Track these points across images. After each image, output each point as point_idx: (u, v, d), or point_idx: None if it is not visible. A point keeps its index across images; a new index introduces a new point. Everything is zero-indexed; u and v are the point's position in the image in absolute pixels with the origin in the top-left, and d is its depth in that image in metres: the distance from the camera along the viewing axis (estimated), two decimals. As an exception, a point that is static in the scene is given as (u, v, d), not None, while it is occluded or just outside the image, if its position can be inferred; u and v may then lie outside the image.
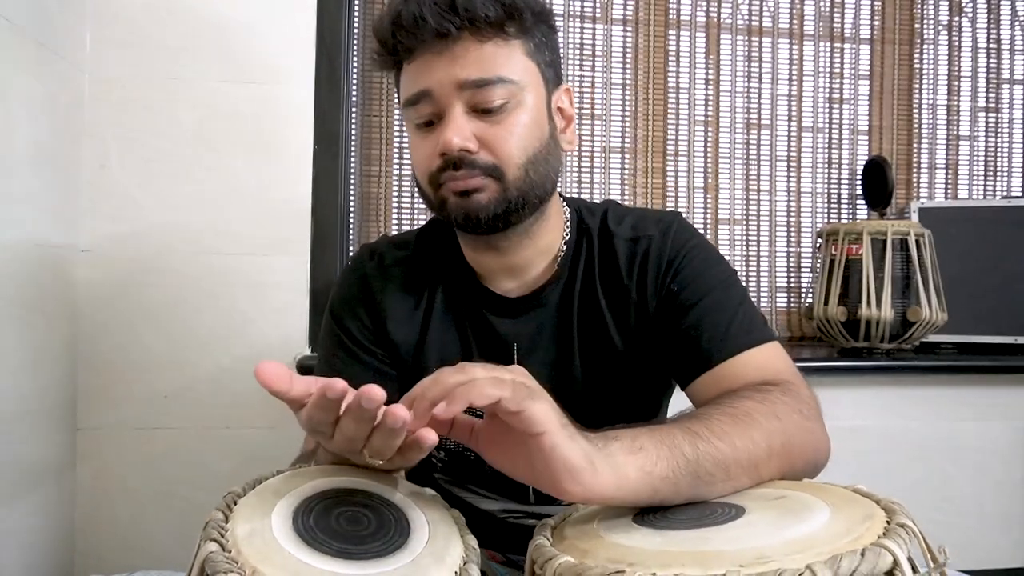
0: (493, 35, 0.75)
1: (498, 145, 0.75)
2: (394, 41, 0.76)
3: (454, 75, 0.74)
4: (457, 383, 0.51)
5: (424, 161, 0.78)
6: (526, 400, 0.50)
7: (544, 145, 0.79)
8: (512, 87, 0.75)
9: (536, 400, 0.51)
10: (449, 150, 0.74)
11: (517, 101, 0.76)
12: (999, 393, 1.58)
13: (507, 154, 0.76)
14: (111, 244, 1.33)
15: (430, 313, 0.87)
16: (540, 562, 0.51)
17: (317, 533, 0.54)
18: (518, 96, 0.76)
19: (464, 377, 0.51)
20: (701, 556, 0.46)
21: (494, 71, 0.74)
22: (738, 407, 0.63)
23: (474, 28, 0.73)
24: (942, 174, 1.88)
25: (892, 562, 0.44)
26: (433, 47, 0.74)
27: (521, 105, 0.76)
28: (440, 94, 0.75)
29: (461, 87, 0.74)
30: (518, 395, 0.50)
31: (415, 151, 0.80)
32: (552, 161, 0.80)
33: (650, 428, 0.57)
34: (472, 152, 0.75)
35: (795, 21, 1.83)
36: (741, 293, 0.82)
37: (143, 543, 1.34)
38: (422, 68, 0.75)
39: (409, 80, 0.77)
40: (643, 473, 0.53)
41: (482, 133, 0.75)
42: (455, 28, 0.72)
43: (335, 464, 0.64)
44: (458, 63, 0.74)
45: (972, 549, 1.56)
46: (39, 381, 1.19)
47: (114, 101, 1.33)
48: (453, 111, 0.75)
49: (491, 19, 0.73)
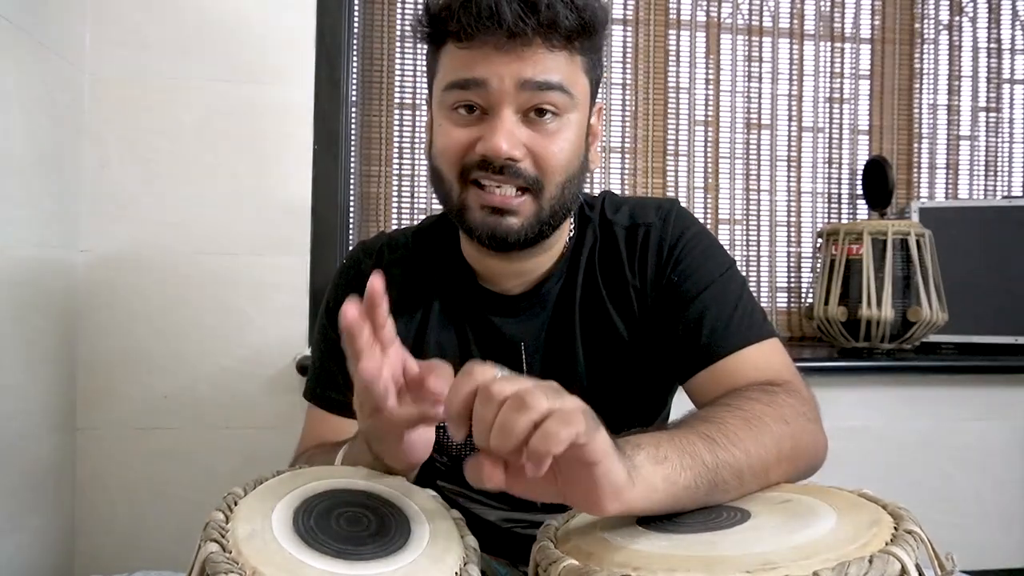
0: (563, 46, 0.72)
1: (546, 158, 0.73)
2: (457, 25, 0.71)
3: (517, 72, 0.71)
4: (526, 428, 0.45)
5: (456, 149, 0.74)
6: (596, 431, 0.47)
7: (581, 164, 0.78)
8: (568, 100, 0.74)
9: (600, 429, 0.48)
10: (496, 156, 0.71)
11: (567, 117, 0.74)
12: (999, 393, 1.58)
13: (552, 169, 0.74)
14: (111, 244, 1.33)
15: (428, 314, 0.86)
16: (544, 565, 0.51)
17: (317, 534, 0.54)
18: (569, 112, 0.74)
19: (532, 416, 0.45)
20: (707, 561, 0.46)
21: (557, 78, 0.72)
22: (749, 410, 0.63)
23: (547, 35, 0.71)
24: (942, 174, 1.88)
25: (900, 569, 0.44)
26: (500, 43, 0.70)
27: (569, 122, 0.75)
28: (496, 88, 0.71)
29: (522, 86, 0.71)
30: (590, 426, 0.46)
31: (445, 135, 0.75)
32: (582, 180, 0.79)
33: (670, 434, 0.56)
34: (517, 160, 0.72)
35: (795, 21, 1.83)
36: (741, 285, 0.81)
37: (143, 543, 1.34)
38: (479, 57, 0.71)
39: (462, 63, 0.73)
40: (668, 484, 0.53)
41: (531, 143, 0.73)
42: (530, 31, 0.69)
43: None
44: (523, 62, 0.71)
45: (972, 549, 1.56)
46: (39, 381, 1.19)
47: (114, 101, 1.33)
48: (504, 112, 0.72)
49: (568, 29, 0.71)
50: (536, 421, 0.45)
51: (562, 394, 0.48)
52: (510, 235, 0.74)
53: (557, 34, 0.71)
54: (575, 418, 0.45)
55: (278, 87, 1.38)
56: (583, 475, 0.48)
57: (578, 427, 0.44)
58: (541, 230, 0.76)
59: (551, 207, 0.75)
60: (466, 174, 0.74)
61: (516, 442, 0.45)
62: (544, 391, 0.46)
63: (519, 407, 0.45)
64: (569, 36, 0.72)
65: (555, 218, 0.76)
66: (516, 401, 0.45)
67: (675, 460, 0.54)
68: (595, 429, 0.47)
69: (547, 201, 0.75)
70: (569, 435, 0.44)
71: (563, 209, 0.77)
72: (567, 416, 0.45)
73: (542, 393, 0.46)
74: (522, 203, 0.74)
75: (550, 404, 0.45)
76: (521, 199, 0.74)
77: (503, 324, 0.84)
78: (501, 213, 0.74)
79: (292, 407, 1.35)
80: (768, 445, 0.60)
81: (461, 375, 0.49)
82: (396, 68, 1.65)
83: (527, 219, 0.74)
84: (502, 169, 0.72)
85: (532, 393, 0.46)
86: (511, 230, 0.74)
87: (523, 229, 0.74)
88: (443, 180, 0.77)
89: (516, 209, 0.74)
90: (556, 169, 0.74)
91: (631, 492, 0.50)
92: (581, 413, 0.46)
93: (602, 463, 0.47)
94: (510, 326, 0.84)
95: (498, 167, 0.72)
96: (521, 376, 0.51)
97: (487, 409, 0.46)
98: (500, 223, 0.74)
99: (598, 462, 0.47)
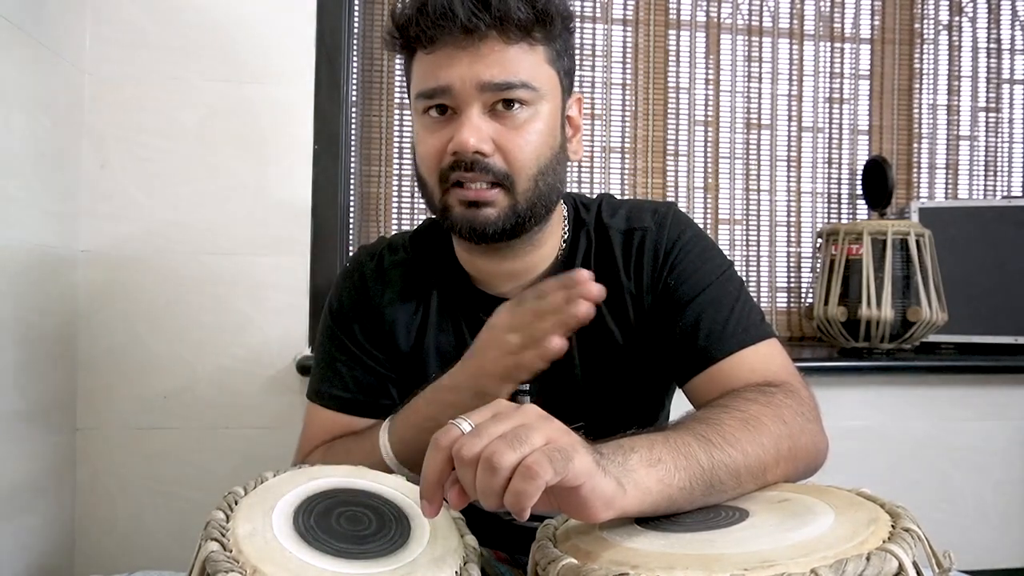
0: (520, 38, 0.73)
1: (513, 152, 0.74)
2: (416, 29, 0.73)
3: (477, 74, 0.72)
4: (500, 488, 0.46)
5: (432, 155, 0.76)
6: (566, 465, 0.46)
7: (555, 155, 0.78)
8: (533, 93, 0.74)
9: (572, 457, 0.47)
10: (464, 150, 0.73)
11: (535, 108, 0.75)
12: (999, 393, 1.58)
13: (520, 162, 0.75)
14: (111, 244, 1.33)
15: (427, 317, 0.87)
16: (543, 563, 0.51)
17: (318, 533, 0.54)
18: (537, 103, 0.75)
19: (501, 478, 0.46)
20: (705, 559, 0.46)
21: (518, 75, 0.73)
22: (746, 411, 0.63)
23: (503, 28, 0.72)
24: (942, 174, 1.88)
25: (897, 567, 0.44)
26: (458, 41, 0.72)
27: (538, 113, 0.75)
28: (460, 91, 0.73)
29: (483, 88, 0.73)
30: (557, 466, 0.46)
31: (422, 143, 0.78)
32: (560, 171, 0.79)
33: (665, 435, 0.57)
34: (486, 155, 0.73)
35: (795, 21, 1.83)
36: (738, 287, 0.81)
37: (143, 543, 1.34)
38: (442, 61, 0.73)
39: (426, 71, 0.75)
40: (663, 485, 0.53)
41: (498, 137, 0.74)
42: (484, 25, 0.71)
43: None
44: (482, 62, 0.72)
45: (972, 549, 1.56)
46: (39, 381, 1.19)
47: (114, 101, 1.33)
48: (471, 110, 0.73)
49: (522, 21, 0.72)
50: (506, 480, 0.46)
51: (531, 428, 0.48)
52: (488, 226, 0.75)
53: (512, 27, 0.72)
54: (540, 467, 0.45)
55: (278, 87, 1.38)
56: (571, 494, 0.48)
57: (544, 475, 0.45)
58: (519, 222, 0.76)
59: (526, 200, 0.76)
60: (445, 177, 0.76)
61: (499, 500, 0.46)
62: (512, 438, 0.47)
63: (488, 468, 0.46)
64: (525, 28, 0.73)
65: (533, 210, 0.77)
66: (484, 463, 0.46)
67: (670, 462, 0.54)
68: (568, 458, 0.47)
69: (521, 195, 0.76)
70: (538, 487, 0.45)
71: (541, 201, 0.77)
72: (532, 468, 0.45)
73: (507, 444, 0.46)
74: (496, 196, 0.75)
75: (517, 454, 0.46)
76: (495, 192, 0.75)
77: None
78: (478, 206, 0.75)
79: (292, 407, 1.35)
80: (766, 445, 0.60)
81: (430, 450, 0.50)
82: (396, 68, 1.65)
83: (503, 211, 0.75)
84: (473, 165, 0.73)
85: (498, 450, 0.46)
86: (488, 221, 0.75)
87: (500, 220, 0.75)
88: (426, 186, 0.79)
89: (492, 201, 0.75)
90: (525, 162, 0.75)
91: (623, 499, 0.50)
92: (546, 457, 0.46)
93: (585, 484, 0.48)
94: None
95: (469, 163, 0.73)
96: (486, 405, 0.52)
97: (465, 473, 0.48)
98: (478, 216, 0.75)
99: (581, 484, 0.48)
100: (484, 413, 0.51)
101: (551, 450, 0.46)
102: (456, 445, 0.48)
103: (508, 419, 0.50)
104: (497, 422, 0.49)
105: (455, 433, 0.50)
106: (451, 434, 0.50)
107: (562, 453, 0.47)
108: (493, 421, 0.49)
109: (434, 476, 0.49)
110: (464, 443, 0.48)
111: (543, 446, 0.47)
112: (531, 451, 0.46)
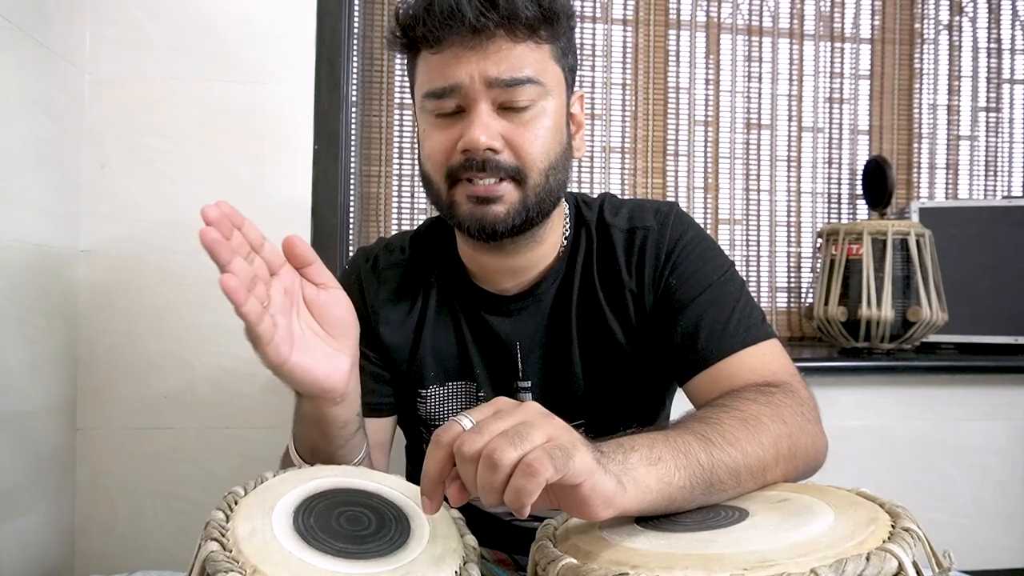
0: (527, 37, 0.74)
1: (523, 147, 0.74)
2: (423, 29, 0.74)
3: (485, 71, 0.72)
4: (501, 486, 0.46)
5: (441, 153, 0.76)
6: (566, 463, 0.46)
7: (563, 151, 0.78)
8: (540, 90, 0.75)
9: (573, 455, 0.47)
10: (475, 148, 0.73)
11: (543, 105, 0.76)
12: (999, 393, 1.58)
13: (531, 157, 0.75)
14: (111, 244, 1.33)
15: (424, 316, 0.87)
16: (543, 564, 0.51)
17: (317, 533, 0.54)
18: (544, 100, 0.76)
19: (502, 474, 0.46)
20: (704, 559, 0.46)
21: (526, 72, 0.74)
22: (746, 411, 0.63)
23: (510, 27, 0.73)
24: (942, 174, 1.88)
25: (897, 566, 0.44)
26: (465, 41, 0.72)
27: (546, 109, 0.76)
28: (468, 87, 0.73)
29: (491, 85, 0.73)
30: (557, 463, 0.46)
31: (429, 141, 0.77)
32: (567, 167, 0.80)
33: (665, 434, 0.57)
34: (497, 151, 0.74)
35: (795, 21, 1.83)
36: (739, 287, 0.82)
37: (143, 543, 1.34)
38: (450, 61, 0.73)
39: (434, 71, 0.75)
40: (663, 484, 0.53)
41: (508, 133, 0.74)
42: (492, 25, 0.71)
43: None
44: (490, 60, 0.73)
45: (972, 549, 1.56)
46: (39, 381, 1.19)
47: (114, 101, 1.33)
48: (480, 107, 0.73)
49: (529, 20, 0.73)
50: (507, 476, 0.46)
51: (532, 425, 0.48)
52: (497, 223, 0.75)
53: (520, 25, 0.73)
54: (541, 464, 0.45)
55: (278, 87, 1.38)
56: (572, 492, 0.48)
57: (545, 472, 0.45)
58: (528, 217, 0.76)
59: (536, 195, 0.76)
60: (453, 175, 0.76)
61: (499, 497, 0.46)
62: (513, 435, 0.47)
63: (489, 465, 0.46)
64: (531, 26, 0.73)
65: (542, 205, 0.77)
66: (486, 459, 0.46)
67: (669, 461, 0.54)
68: (569, 456, 0.46)
69: (532, 189, 0.76)
70: (538, 484, 0.45)
71: (550, 197, 0.78)
72: (532, 465, 0.45)
73: (508, 441, 0.46)
74: (506, 191, 0.75)
75: (518, 452, 0.46)
76: (505, 186, 0.75)
77: (498, 324, 0.85)
78: (487, 202, 0.75)
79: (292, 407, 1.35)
80: (766, 445, 0.60)
81: (431, 446, 0.50)
82: (396, 68, 1.65)
83: (513, 206, 0.75)
84: (484, 165, 0.73)
85: (499, 447, 0.46)
86: (498, 218, 0.75)
87: (510, 216, 0.75)
88: (432, 183, 0.79)
89: (501, 196, 0.75)
90: (536, 157, 0.75)
91: (622, 498, 0.50)
92: (546, 454, 0.45)
93: (586, 482, 0.48)
94: (505, 326, 0.85)
95: (480, 162, 0.73)
96: (487, 402, 0.52)
97: (466, 470, 0.48)
98: (487, 212, 0.75)
99: (581, 483, 0.48)
100: (485, 410, 0.52)
101: (552, 447, 0.46)
102: (457, 442, 0.48)
103: (509, 416, 0.50)
104: (498, 419, 0.49)
105: (456, 430, 0.50)
106: (452, 431, 0.50)
107: (563, 451, 0.47)
108: (494, 418, 0.49)
109: (435, 472, 0.50)
110: (465, 440, 0.48)
111: (544, 443, 0.47)
112: (532, 448, 0.46)
